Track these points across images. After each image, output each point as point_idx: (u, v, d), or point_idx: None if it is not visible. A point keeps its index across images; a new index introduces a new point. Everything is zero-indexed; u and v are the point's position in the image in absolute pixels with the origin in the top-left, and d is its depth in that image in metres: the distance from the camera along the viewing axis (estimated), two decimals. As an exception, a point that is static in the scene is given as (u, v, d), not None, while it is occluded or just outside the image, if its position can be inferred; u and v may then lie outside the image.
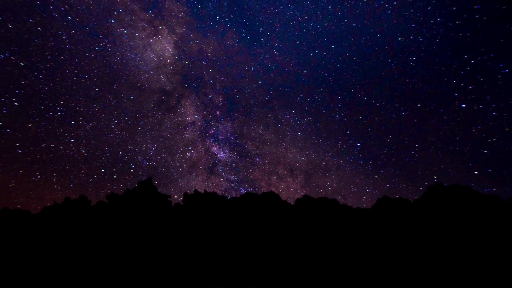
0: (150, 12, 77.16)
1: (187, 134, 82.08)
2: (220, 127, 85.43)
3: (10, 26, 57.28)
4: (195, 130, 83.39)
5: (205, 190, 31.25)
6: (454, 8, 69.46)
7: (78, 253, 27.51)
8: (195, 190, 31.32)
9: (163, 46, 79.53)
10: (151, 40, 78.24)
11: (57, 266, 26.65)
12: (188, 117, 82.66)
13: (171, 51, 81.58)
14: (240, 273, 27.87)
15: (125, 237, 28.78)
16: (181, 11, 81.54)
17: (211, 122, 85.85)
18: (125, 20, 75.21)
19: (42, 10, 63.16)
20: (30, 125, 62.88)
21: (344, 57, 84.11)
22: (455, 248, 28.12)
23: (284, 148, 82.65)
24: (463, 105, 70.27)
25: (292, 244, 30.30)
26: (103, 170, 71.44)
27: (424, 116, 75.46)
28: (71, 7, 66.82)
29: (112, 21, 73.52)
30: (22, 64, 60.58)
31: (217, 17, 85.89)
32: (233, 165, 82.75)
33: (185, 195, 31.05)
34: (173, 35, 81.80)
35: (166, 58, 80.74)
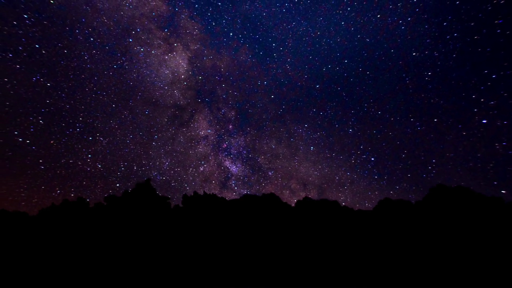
0: (166, 30, 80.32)
1: (200, 148, 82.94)
2: (232, 141, 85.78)
3: (43, 52, 62.51)
4: (208, 144, 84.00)
5: (204, 192, 30.92)
6: (472, 24, 68.25)
7: (75, 256, 27.10)
8: (195, 192, 30.99)
9: (178, 62, 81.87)
10: (166, 57, 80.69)
11: (54, 269, 26.23)
12: (201, 132, 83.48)
13: (185, 67, 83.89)
14: (240, 275, 27.43)
15: (123, 239, 28.38)
16: (196, 29, 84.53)
17: (224, 136, 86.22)
18: (142, 38, 78.64)
19: (70, 34, 68.25)
20: (52, 142, 65.74)
21: (357, 72, 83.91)
22: (456, 250, 27.71)
23: (296, 162, 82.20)
24: (484, 121, 67.84)
25: (292, 246, 29.88)
26: (118, 184, 73.28)
27: (441, 131, 73.68)
28: (94, 29, 71.22)
29: (130, 40, 77.37)
30: (49, 84, 65.04)
31: (231, 34, 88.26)
32: (246, 179, 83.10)
33: (184, 196, 30.70)
34: (187, 52, 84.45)
35: (180, 74, 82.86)
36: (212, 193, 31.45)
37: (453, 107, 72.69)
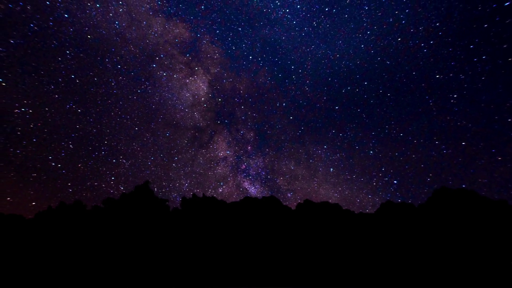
0: (187, 55, 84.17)
1: (219, 169, 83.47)
2: (251, 163, 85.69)
3: (77, 81, 66.93)
4: (227, 166, 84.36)
5: (203, 194, 30.40)
6: (505, 46, 65.94)
7: (72, 259, 26.58)
8: (193, 194, 30.49)
9: (198, 85, 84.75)
10: (187, 80, 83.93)
11: (50, 272, 25.71)
12: (220, 153, 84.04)
13: (205, 89, 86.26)
14: (239, 276, 26.87)
15: (121, 242, 27.86)
16: (216, 53, 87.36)
17: (243, 158, 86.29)
18: (165, 64, 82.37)
19: (100, 63, 72.99)
20: (79, 165, 68.39)
21: (378, 94, 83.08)
22: (459, 252, 27.14)
23: (316, 183, 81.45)
24: (524, 146, 63.29)
25: (292, 247, 29.33)
26: (136, 205, 74.79)
27: (471, 156, 69.66)
28: (122, 57, 75.96)
29: (154, 65, 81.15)
30: (79, 110, 69.11)
31: (250, 57, 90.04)
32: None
33: (183, 199, 30.19)
34: (208, 75, 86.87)
35: (200, 96, 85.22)
36: (212, 195, 30.96)
37: (484, 130, 69.15)
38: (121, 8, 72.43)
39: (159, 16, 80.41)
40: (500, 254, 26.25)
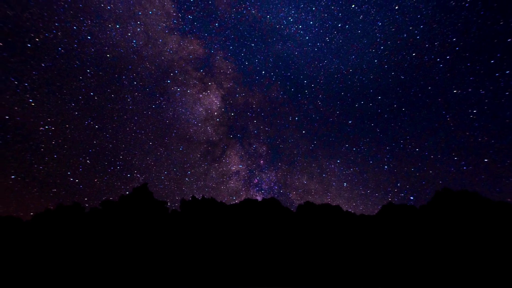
0: (201, 70, 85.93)
1: (232, 183, 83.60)
2: (264, 177, 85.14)
3: (96, 98, 70.02)
4: (239, 180, 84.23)
5: (202, 196, 30.10)
6: None
7: (69, 261, 26.23)
8: (193, 197, 30.18)
9: (211, 100, 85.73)
10: (201, 95, 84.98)
11: (48, 274, 25.35)
12: (233, 167, 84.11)
13: (218, 104, 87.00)
14: (238, 279, 26.47)
15: (118, 244, 27.52)
16: (230, 68, 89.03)
17: (255, 172, 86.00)
18: (179, 79, 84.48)
19: (118, 80, 76.01)
20: (96, 180, 69.93)
21: (392, 108, 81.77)
22: (461, 253, 26.74)
23: (329, 198, 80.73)
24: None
25: (292, 249, 28.94)
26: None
27: (495, 173, 66.17)
28: (138, 74, 78.59)
29: (168, 81, 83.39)
30: (96, 126, 71.48)
31: (263, 72, 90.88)
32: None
33: (182, 201, 29.87)
34: (221, 90, 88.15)
35: (213, 111, 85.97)
36: (211, 197, 30.66)
37: (509, 146, 66.15)
38: (139, 28, 76.23)
39: (174, 34, 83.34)
40: (502, 256, 25.86)
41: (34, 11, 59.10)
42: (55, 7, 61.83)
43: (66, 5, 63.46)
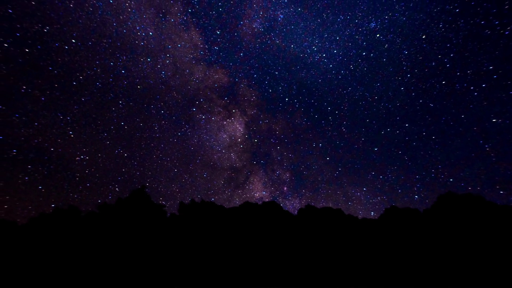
0: (226, 98, 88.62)
1: None
2: (287, 204, 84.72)
3: (126, 127, 73.76)
4: None
5: (202, 199, 29.49)
6: None
7: (64, 266, 25.63)
8: (192, 199, 29.57)
9: (235, 127, 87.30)
10: (225, 122, 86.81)
11: (43, 280, 24.75)
12: (256, 193, 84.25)
13: (242, 131, 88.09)
14: (238, 282, 25.90)
15: (116, 248, 26.92)
16: (253, 95, 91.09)
17: (279, 198, 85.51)
18: (204, 107, 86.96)
19: (146, 109, 79.27)
20: None
21: (421, 136, 77.98)
22: (464, 257, 26.18)
23: None
24: None
25: (292, 253, 28.36)
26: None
27: None
28: (165, 103, 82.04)
29: (194, 109, 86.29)
30: (125, 155, 74.22)
31: (287, 99, 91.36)
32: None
33: (181, 204, 29.27)
34: (244, 117, 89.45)
35: (237, 137, 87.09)
36: (210, 199, 30.05)
37: None
38: (168, 60, 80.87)
39: (200, 64, 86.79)
40: (507, 260, 25.30)
41: (82, 54, 66.68)
42: (98, 48, 69.01)
43: (107, 45, 70.25)
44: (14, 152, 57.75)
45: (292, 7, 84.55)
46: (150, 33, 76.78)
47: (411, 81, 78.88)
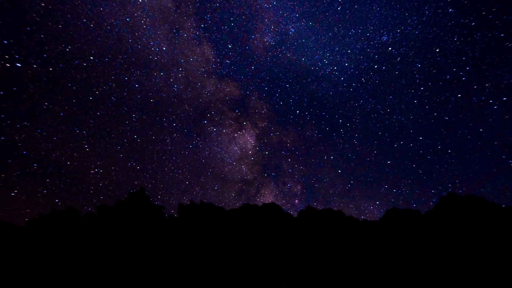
0: (236, 111, 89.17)
1: None
2: None
3: (138, 140, 74.89)
4: None
5: (201, 201, 29.21)
6: None
7: (62, 268, 25.33)
8: (191, 201, 29.30)
9: (246, 139, 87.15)
10: (236, 135, 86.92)
11: (41, 281, 24.45)
12: None
13: (253, 143, 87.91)
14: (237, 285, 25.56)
15: (114, 250, 26.63)
16: (264, 108, 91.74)
17: (290, 211, 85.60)
18: (215, 119, 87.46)
19: (158, 122, 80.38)
20: None
21: (436, 150, 75.86)
22: (466, 259, 25.82)
23: None
24: None
25: (293, 255, 28.02)
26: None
27: None
28: (177, 116, 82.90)
29: (205, 122, 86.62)
30: (138, 167, 75.28)
31: (297, 111, 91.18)
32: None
33: (180, 206, 29.00)
34: (255, 129, 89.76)
35: (248, 149, 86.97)
36: (210, 202, 29.78)
37: None
38: (180, 74, 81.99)
39: (212, 77, 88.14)
40: (509, 262, 24.95)
41: (99, 70, 69.11)
42: (113, 63, 71.30)
43: (122, 61, 72.31)
44: (35, 166, 59.42)
45: (303, 22, 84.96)
46: (164, 48, 78.25)
47: (424, 94, 77.24)
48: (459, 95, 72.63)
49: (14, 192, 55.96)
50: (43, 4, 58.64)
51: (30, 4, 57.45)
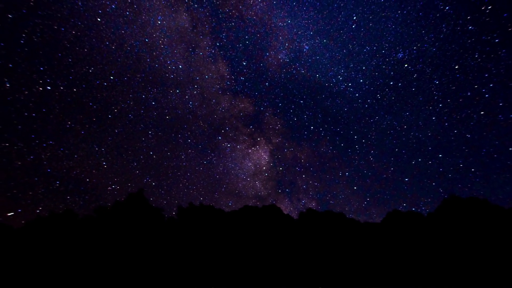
0: (251, 126, 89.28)
1: None
2: None
3: (154, 156, 76.39)
4: None
5: (201, 203, 28.95)
6: None
7: (60, 271, 25.08)
8: (190, 203, 29.03)
9: (260, 155, 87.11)
10: (250, 151, 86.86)
11: (39, 284, 24.19)
12: None
13: (267, 159, 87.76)
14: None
15: (113, 252, 26.36)
16: (278, 124, 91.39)
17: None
18: (229, 135, 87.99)
19: (174, 138, 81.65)
20: None
21: (457, 168, 73.20)
22: (469, 262, 25.51)
23: None
24: None
25: (293, 257, 27.74)
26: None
27: None
28: (192, 132, 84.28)
29: (219, 138, 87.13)
30: (153, 184, 76.14)
31: (312, 127, 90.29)
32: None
33: (179, 208, 28.72)
34: (269, 145, 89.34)
35: (262, 165, 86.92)
36: (209, 204, 29.49)
37: None
38: (196, 91, 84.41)
39: (227, 94, 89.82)
40: (507, 260, 24.64)
41: (118, 88, 72.76)
42: (132, 82, 74.90)
43: (140, 79, 75.75)
44: (57, 183, 61.63)
45: (317, 39, 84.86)
46: (180, 66, 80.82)
47: (443, 111, 74.84)
48: (481, 112, 69.90)
49: (39, 209, 58.09)
50: (73, 32, 63.40)
51: (64, 34, 62.35)
